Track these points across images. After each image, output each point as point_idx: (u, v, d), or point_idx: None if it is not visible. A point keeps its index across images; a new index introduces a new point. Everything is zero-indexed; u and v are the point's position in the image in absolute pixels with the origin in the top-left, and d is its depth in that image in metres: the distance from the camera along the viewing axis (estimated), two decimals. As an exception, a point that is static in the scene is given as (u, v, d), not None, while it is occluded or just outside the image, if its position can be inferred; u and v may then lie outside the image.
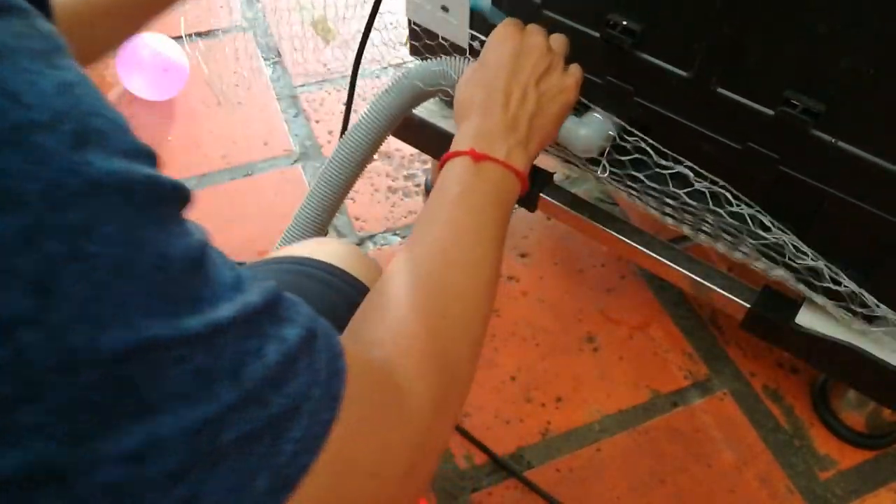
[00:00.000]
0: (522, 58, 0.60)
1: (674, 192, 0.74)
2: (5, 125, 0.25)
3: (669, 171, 0.72)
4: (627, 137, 0.73)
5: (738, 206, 0.71)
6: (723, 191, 0.71)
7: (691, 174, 0.71)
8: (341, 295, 0.56)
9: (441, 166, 0.54)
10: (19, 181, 0.25)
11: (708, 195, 0.72)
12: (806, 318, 0.76)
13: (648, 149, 0.72)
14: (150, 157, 0.30)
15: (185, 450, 0.28)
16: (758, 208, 0.71)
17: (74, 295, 0.25)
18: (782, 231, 0.71)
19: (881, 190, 0.64)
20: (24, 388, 0.25)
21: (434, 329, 0.43)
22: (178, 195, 0.31)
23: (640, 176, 0.75)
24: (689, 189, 0.72)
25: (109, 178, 0.27)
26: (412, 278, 0.45)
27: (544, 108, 0.60)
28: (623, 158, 0.74)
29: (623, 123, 0.79)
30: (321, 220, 0.85)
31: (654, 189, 0.76)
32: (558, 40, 0.66)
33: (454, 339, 0.44)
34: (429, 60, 0.78)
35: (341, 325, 0.55)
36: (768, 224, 0.71)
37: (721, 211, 0.72)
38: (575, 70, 0.65)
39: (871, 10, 0.55)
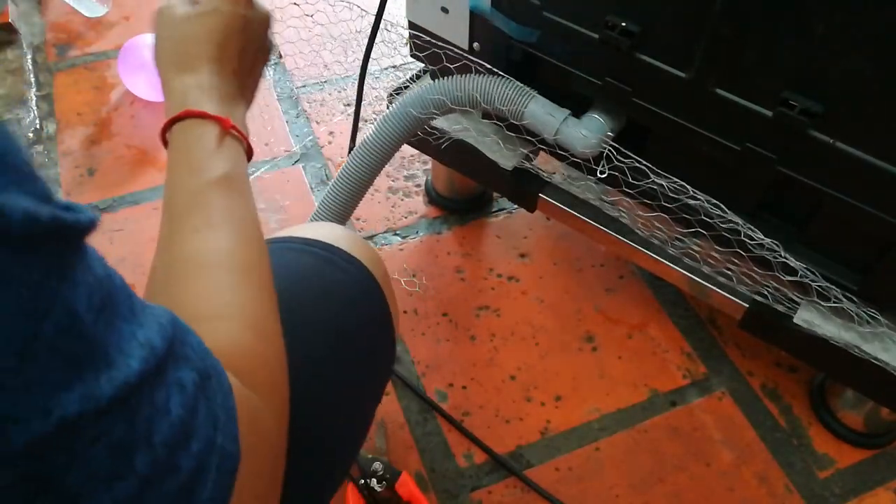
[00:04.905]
0: (251, 20, 0.53)
1: (665, 205, 0.74)
2: None
3: (666, 182, 0.72)
4: (622, 159, 0.73)
5: (726, 224, 0.71)
6: (714, 207, 0.71)
7: (688, 188, 0.72)
8: (341, 271, 0.58)
9: (173, 120, 0.46)
10: None
11: (700, 210, 0.72)
12: (804, 318, 0.77)
13: (645, 169, 0.73)
14: (40, 180, 0.25)
15: None
16: (749, 226, 0.71)
17: None
18: (771, 248, 0.71)
19: (879, 190, 0.64)
20: None
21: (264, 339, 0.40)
22: (82, 228, 0.26)
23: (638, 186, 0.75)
24: (680, 203, 0.73)
25: (14, 230, 0.23)
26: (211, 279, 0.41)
27: (258, 67, 0.56)
28: (623, 164, 0.74)
29: (622, 124, 0.80)
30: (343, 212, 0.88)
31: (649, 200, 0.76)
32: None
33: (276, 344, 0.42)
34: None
35: (343, 301, 0.55)
36: (759, 240, 0.71)
37: (713, 222, 0.72)
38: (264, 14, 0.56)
39: (869, 11, 0.55)
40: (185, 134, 0.46)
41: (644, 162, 0.73)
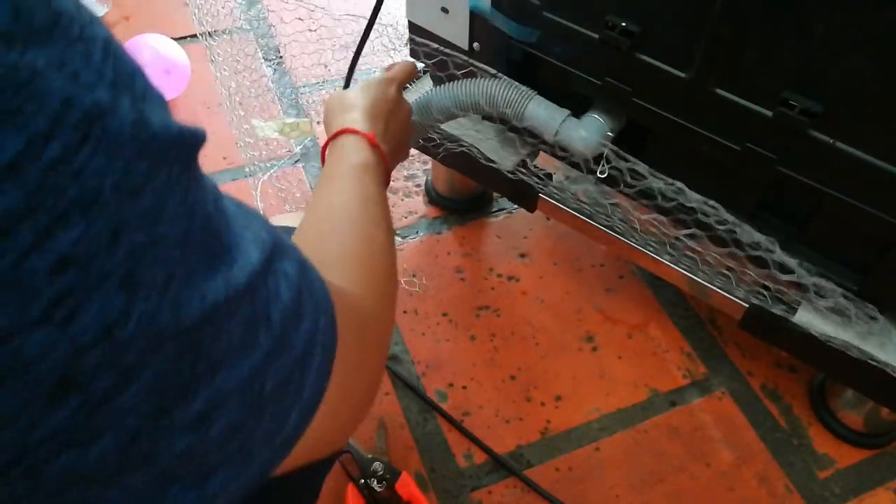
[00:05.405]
0: (399, 104, 0.75)
1: (663, 205, 0.74)
2: (78, 116, 0.23)
3: (664, 184, 0.72)
4: (620, 161, 0.73)
5: (725, 225, 0.71)
6: (713, 208, 0.71)
7: (686, 189, 0.72)
8: None
9: (332, 137, 0.66)
10: (97, 178, 0.23)
11: (697, 210, 0.72)
12: (804, 318, 0.77)
13: (643, 171, 0.72)
14: (164, 99, 0.29)
15: (240, 404, 0.30)
16: (747, 226, 0.71)
17: (156, 279, 0.26)
18: (767, 248, 0.71)
19: (879, 190, 0.64)
20: (123, 376, 0.25)
21: (368, 251, 0.52)
22: (201, 139, 0.30)
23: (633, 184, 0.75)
24: (677, 203, 0.73)
25: (167, 145, 0.27)
26: (341, 219, 0.54)
27: (402, 138, 0.75)
28: (621, 167, 0.74)
29: (622, 125, 0.80)
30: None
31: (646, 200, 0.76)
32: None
33: (383, 262, 0.54)
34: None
35: None
36: (757, 240, 0.71)
37: (710, 222, 0.72)
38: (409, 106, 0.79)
39: (869, 11, 0.55)
40: (339, 142, 0.65)
41: (640, 163, 0.73)
